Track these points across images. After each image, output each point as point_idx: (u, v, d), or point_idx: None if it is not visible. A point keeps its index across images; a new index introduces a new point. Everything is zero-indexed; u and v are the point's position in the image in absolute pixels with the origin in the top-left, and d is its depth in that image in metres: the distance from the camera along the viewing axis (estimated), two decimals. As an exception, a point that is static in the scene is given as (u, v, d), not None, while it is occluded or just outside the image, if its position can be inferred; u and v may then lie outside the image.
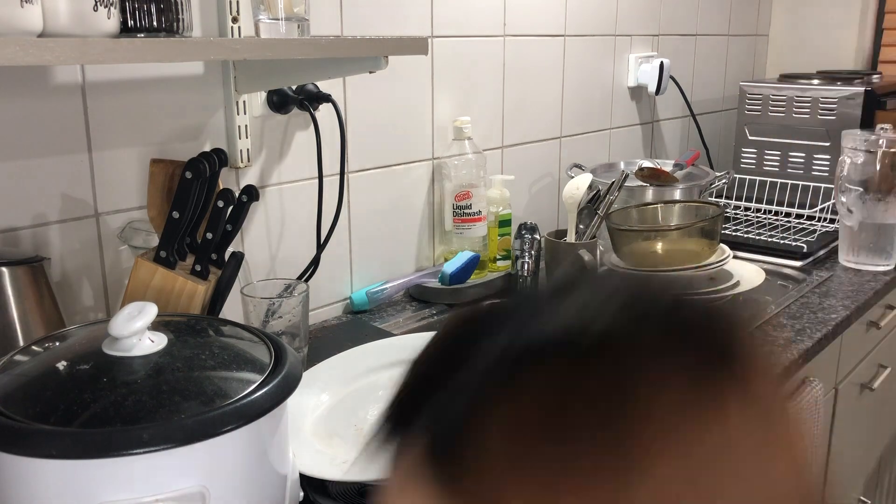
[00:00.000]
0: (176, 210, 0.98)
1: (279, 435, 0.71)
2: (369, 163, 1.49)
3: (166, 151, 1.16)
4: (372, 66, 1.11)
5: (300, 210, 1.38)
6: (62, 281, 1.09)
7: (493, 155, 1.76)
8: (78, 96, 1.07)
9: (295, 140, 1.36)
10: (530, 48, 1.80)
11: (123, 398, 0.65)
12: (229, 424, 0.64)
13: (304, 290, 1.14)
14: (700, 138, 2.38)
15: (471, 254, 1.59)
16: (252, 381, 0.69)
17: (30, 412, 0.63)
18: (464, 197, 1.61)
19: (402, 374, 0.38)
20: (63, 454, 0.60)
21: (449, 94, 1.62)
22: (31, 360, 0.73)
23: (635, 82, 2.16)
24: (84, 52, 0.75)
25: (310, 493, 0.82)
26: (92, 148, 1.10)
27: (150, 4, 0.87)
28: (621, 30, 2.08)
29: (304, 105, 1.30)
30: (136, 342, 0.70)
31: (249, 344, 0.77)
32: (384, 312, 1.51)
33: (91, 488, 0.60)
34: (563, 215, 1.93)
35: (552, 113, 1.92)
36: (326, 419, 0.95)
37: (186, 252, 1.04)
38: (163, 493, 0.61)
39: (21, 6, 0.71)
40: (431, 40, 1.56)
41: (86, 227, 1.11)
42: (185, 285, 1.00)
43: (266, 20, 1.03)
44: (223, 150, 1.04)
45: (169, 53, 0.85)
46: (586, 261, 1.56)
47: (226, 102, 1.24)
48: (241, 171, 1.28)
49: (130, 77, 1.12)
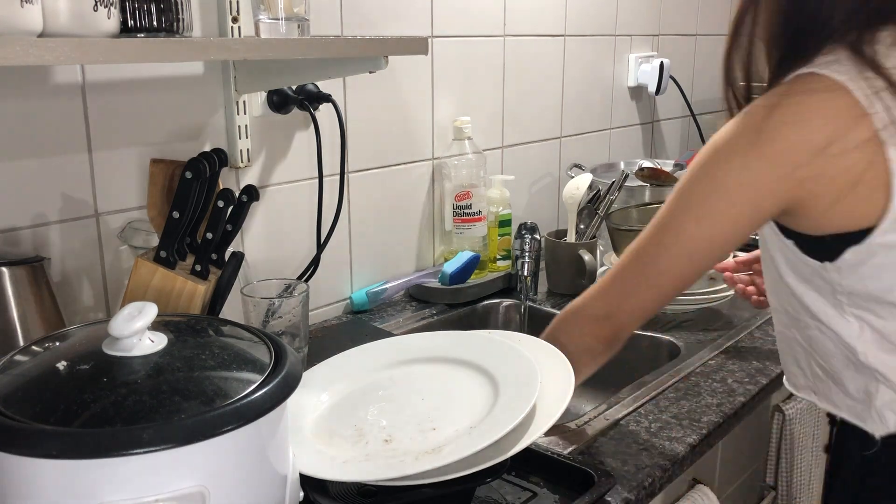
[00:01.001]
0: (176, 210, 0.98)
1: (279, 435, 0.71)
2: (369, 163, 1.49)
3: (166, 151, 1.16)
4: (372, 66, 1.11)
5: (300, 210, 1.38)
6: (62, 281, 1.09)
7: (493, 155, 1.76)
8: (78, 96, 1.07)
9: (295, 140, 1.36)
10: (530, 48, 1.80)
11: (123, 398, 0.65)
12: (229, 424, 0.64)
13: (304, 290, 1.14)
14: (700, 138, 2.37)
15: (471, 254, 1.59)
16: (252, 381, 0.69)
17: (30, 412, 0.63)
18: (464, 197, 1.61)
19: None
20: (63, 454, 0.60)
21: (449, 94, 1.62)
22: (31, 360, 0.73)
23: (635, 82, 2.16)
24: (84, 52, 0.75)
25: (310, 493, 0.81)
26: (92, 148, 1.10)
27: (150, 4, 0.87)
28: (621, 30, 2.08)
29: (304, 105, 1.30)
30: (136, 342, 0.70)
31: (249, 344, 0.77)
32: (384, 312, 1.51)
33: (91, 488, 0.60)
34: (563, 215, 1.93)
35: (552, 113, 1.92)
36: (326, 419, 0.94)
37: (186, 252, 1.04)
38: (163, 493, 0.61)
39: (21, 6, 0.71)
40: (431, 40, 1.56)
41: (86, 227, 1.11)
42: (185, 285, 1.00)
43: (266, 20, 1.03)
44: (223, 150, 1.04)
45: (169, 53, 0.85)
46: (586, 261, 1.56)
47: (226, 102, 1.24)
48: (241, 171, 1.28)
49: (130, 77, 1.12)
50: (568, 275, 1.60)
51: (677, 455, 1.02)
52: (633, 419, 1.11)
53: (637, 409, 1.13)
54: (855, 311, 0.88)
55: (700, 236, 0.88)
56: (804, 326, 0.94)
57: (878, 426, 0.92)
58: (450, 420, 0.89)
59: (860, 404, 0.93)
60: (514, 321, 1.60)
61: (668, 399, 1.16)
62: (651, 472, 0.97)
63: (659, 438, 1.05)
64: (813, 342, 0.94)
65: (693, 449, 1.05)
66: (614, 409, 1.13)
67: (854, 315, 0.88)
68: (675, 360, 1.31)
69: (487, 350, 1.01)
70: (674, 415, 1.12)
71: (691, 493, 1.11)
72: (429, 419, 0.90)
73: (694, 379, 1.22)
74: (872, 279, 0.85)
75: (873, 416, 0.92)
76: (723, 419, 1.10)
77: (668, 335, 1.41)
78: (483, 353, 1.01)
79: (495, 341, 1.03)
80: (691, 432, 1.07)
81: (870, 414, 0.92)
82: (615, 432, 1.07)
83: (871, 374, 0.90)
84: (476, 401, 0.92)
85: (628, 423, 1.10)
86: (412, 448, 0.84)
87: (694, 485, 1.13)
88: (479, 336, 1.07)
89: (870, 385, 0.91)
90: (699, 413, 1.12)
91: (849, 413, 0.95)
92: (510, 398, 0.89)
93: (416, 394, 0.97)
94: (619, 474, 0.96)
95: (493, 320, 1.60)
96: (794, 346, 0.99)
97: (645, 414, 1.12)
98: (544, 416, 0.87)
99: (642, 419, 1.11)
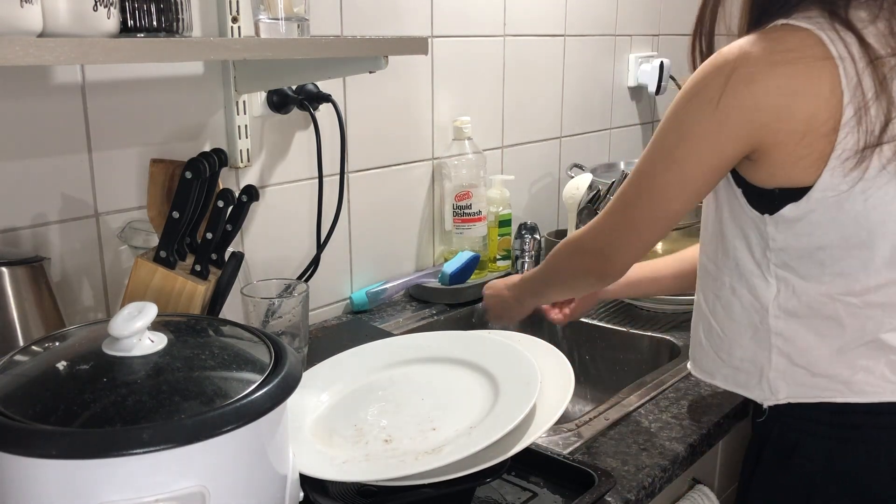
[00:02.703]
0: (176, 210, 0.98)
1: (279, 435, 0.71)
2: (369, 163, 1.49)
3: (166, 151, 1.16)
4: (372, 66, 1.11)
5: (300, 210, 1.38)
6: (62, 281, 1.09)
7: (493, 155, 1.76)
8: (78, 96, 1.07)
9: (295, 140, 1.36)
10: (530, 48, 1.80)
11: (123, 398, 0.65)
12: (229, 424, 0.64)
13: (304, 290, 1.14)
14: (700, 138, 2.37)
15: (471, 254, 1.59)
16: (252, 381, 0.69)
17: (30, 412, 0.63)
18: (464, 197, 1.61)
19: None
20: (63, 454, 0.59)
21: (449, 94, 1.62)
22: (31, 360, 0.73)
23: (635, 82, 2.16)
24: (84, 52, 0.75)
25: (310, 493, 0.82)
26: (92, 148, 1.10)
27: (150, 4, 0.87)
28: (621, 30, 2.08)
29: (304, 105, 1.30)
30: (136, 342, 0.70)
31: (249, 344, 0.77)
32: (384, 312, 1.51)
33: (91, 488, 0.60)
34: (563, 215, 1.93)
35: (552, 113, 1.92)
36: (326, 419, 0.94)
37: (186, 252, 1.04)
38: (163, 493, 0.61)
39: (21, 6, 0.71)
40: (431, 40, 1.56)
41: (86, 227, 1.11)
42: (185, 285, 1.00)
43: (266, 20, 1.03)
44: (223, 150, 1.04)
45: (169, 53, 0.85)
46: (586, 261, 1.56)
47: (226, 102, 1.24)
48: (241, 171, 1.28)
49: (130, 77, 1.12)
50: (568, 275, 1.60)
51: (677, 455, 1.02)
52: (633, 419, 1.11)
53: (637, 410, 1.13)
54: (778, 271, 0.93)
55: (672, 181, 0.92)
56: (720, 286, 0.99)
57: (767, 395, 0.97)
58: (450, 420, 0.89)
59: (742, 373, 0.99)
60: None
61: (668, 399, 1.16)
62: (651, 472, 0.97)
63: (659, 438, 1.05)
64: (721, 305, 0.99)
65: (693, 449, 1.05)
66: (614, 409, 1.13)
67: (776, 275, 0.93)
68: (675, 360, 1.31)
69: (487, 350, 1.01)
70: (674, 415, 1.12)
71: (691, 493, 1.11)
72: (429, 419, 0.90)
73: (694, 379, 1.22)
74: (806, 235, 0.89)
75: (763, 385, 0.97)
76: (723, 419, 1.10)
77: (668, 335, 1.42)
78: (483, 353, 1.01)
79: (495, 341, 1.03)
80: (691, 432, 1.07)
81: (759, 384, 0.97)
82: (615, 432, 1.07)
83: (769, 341, 0.95)
84: (476, 401, 0.92)
85: (628, 423, 1.10)
86: (412, 448, 0.84)
87: (694, 485, 1.13)
88: (479, 336, 1.08)
89: (760, 355, 0.96)
90: (699, 413, 1.12)
91: (726, 382, 1.01)
92: (510, 398, 0.89)
93: (416, 394, 0.97)
94: (619, 474, 0.96)
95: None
96: (698, 318, 1.04)
97: (645, 414, 1.12)
98: (544, 416, 0.87)
99: (642, 419, 1.11)
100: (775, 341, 0.95)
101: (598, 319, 1.51)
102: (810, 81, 0.83)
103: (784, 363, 0.95)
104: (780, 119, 0.85)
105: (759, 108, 0.85)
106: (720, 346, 1.01)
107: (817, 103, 0.83)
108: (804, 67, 0.84)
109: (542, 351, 1.02)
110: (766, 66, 0.84)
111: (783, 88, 0.84)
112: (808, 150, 0.85)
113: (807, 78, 0.83)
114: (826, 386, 0.93)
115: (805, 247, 0.90)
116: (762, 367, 0.97)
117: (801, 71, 0.84)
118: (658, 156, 0.93)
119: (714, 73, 0.87)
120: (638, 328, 1.46)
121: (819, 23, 0.85)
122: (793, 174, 0.87)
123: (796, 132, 0.85)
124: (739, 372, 0.99)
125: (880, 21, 0.86)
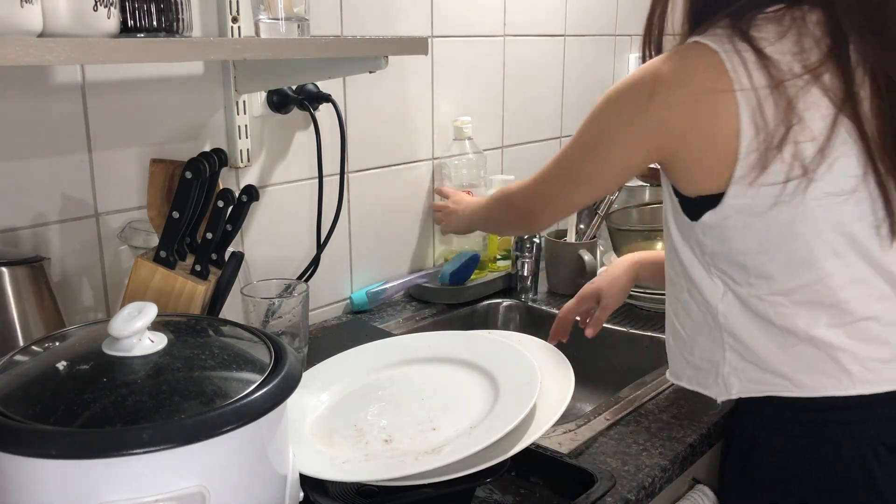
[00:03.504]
0: (176, 210, 0.98)
1: (279, 435, 0.71)
2: (369, 163, 1.49)
3: (166, 151, 1.16)
4: (372, 66, 1.11)
5: (300, 210, 1.38)
6: (62, 281, 1.09)
7: (493, 155, 1.76)
8: (78, 96, 1.07)
9: (295, 140, 1.36)
10: (530, 48, 1.80)
11: (123, 398, 0.65)
12: (229, 424, 0.64)
13: (304, 290, 1.14)
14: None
15: (471, 254, 1.59)
16: (252, 381, 0.69)
17: (30, 412, 0.63)
18: (464, 197, 1.61)
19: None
20: (63, 454, 0.59)
21: (449, 94, 1.62)
22: (31, 360, 0.73)
23: (635, 82, 2.16)
24: (84, 52, 0.75)
25: (310, 493, 0.82)
26: (92, 148, 1.10)
27: (150, 4, 0.87)
28: (621, 30, 2.08)
29: (304, 105, 1.30)
30: (136, 342, 0.70)
31: (249, 344, 0.77)
32: (384, 312, 1.51)
33: (91, 488, 0.60)
34: (563, 215, 1.93)
35: (552, 113, 1.92)
36: (326, 419, 0.94)
37: (186, 252, 1.04)
38: (163, 493, 0.61)
39: (21, 6, 0.71)
40: (431, 40, 1.56)
41: (86, 227, 1.11)
42: (185, 285, 1.00)
43: (266, 20, 1.03)
44: (223, 150, 1.04)
45: (169, 53, 0.85)
46: (586, 261, 1.56)
47: (226, 102, 1.24)
48: (241, 171, 1.28)
49: (130, 77, 1.12)
50: (568, 275, 1.60)
51: (677, 455, 1.02)
52: (633, 419, 1.11)
53: (637, 409, 1.13)
54: (718, 274, 0.97)
55: (589, 170, 1.02)
56: (679, 290, 1.03)
57: (722, 391, 1.00)
58: (450, 420, 0.89)
59: (702, 372, 1.02)
60: (514, 321, 1.60)
61: (668, 399, 1.16)
62: (651, 472, 0.97)
63: (659, 438, 1.05)
64: (682, 307, 1.02)
65: (693, 449, 1.05)
66: (614, 409, 1.13)
67: (718, 277, 0.97)
68: (675, 360, 1.30)
69: (487, 350, 1.01)
70: (674, 415, 1.12)
71: (691, 494, 1.11)
72: (429, 419, 0.90)
73: (694, 379, 1.22)
74: (728, 241, 0.93)
75: (718, 382, 1.00)
76: (723, 419, 1.10)
77: (668, 335, 1.41)
78: (483, 353, 1.01)
79: (495, 341, 1.03)
80: (691, 432, 1.07)
81: (715, 381, 1.00)
82: (615, 432, 1.07)
83: (723, 339, 0.98)
84: (476, 401, 0.92)
85: (628, 423, 1.10)
86: (412, 448, 0.84)
87: (694, 485, 1.13)
88: (479, 336, 1.08)
89: (716, 353, 0.99)
90: (699, 413, 1.12)
91: (690, 382, 1.05)
92: (510, 398, 0.89)
93: (416, 394, 0.97)
94: (619, 474, 0.96)
95: (492, 320, 1.60)
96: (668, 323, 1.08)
97: (645, 414, 1.12)
98: (544, 416, 0.87)
99: (642, 419, 1.11)
100: (727, 339, 0.98)
101: (598, 319, 1.51)
102: (709, 106, 0.88)
103: (736, 359, 0.98)
104: (683, 136, 0.90)
105: (664, 124, 0.91)
106: (684, 346, 1.04)
107: (717, 124, 0.88)
108: (704, 93, 0.88)
109: (542, 351, 1.02)
110: (671, 88, 0.90)
111: (686, 107, 0.89)
112: (712, 161, 0.90)
113: (706, 102, 0.88)
114: (773, 381, 0.95)
115: (728, 252, 0.94)
116: (718, 364, 0.99)
117: (701, 97, 0.88)
118: (578, 146, 1.02)
119: (634, 85, 0.94)
120: (638, 328, 1.46)
121: (719, 38, 0.89)
122: (705, 184, 0.92)
123: (698, 147, 0.90)
124: (700, 371, 1.02)
125: (789, 37, 0.88)
